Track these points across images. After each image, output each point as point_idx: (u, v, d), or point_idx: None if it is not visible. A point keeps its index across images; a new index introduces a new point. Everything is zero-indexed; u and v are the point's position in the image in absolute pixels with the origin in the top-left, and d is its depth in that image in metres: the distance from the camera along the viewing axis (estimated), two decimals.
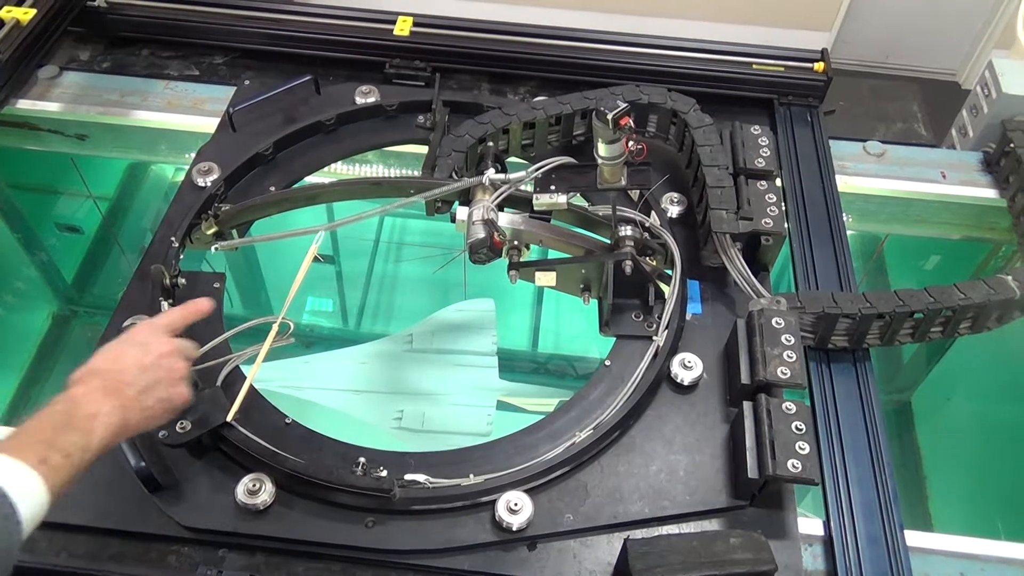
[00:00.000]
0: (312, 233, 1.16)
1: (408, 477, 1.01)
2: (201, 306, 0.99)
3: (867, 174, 1.53)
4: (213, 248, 1.23)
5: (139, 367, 0.86)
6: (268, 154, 1.39)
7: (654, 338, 1.17)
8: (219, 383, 1.08)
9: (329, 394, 1.43)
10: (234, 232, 1.25)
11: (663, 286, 1.20)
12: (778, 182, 1.32)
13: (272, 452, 1.03)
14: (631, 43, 1.61)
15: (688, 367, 1.14)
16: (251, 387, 1.08)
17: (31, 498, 0.70)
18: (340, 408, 1.43)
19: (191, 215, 1.26)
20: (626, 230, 1.17)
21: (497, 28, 1.63)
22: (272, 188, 1.36)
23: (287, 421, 1.10)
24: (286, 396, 1.39)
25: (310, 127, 1.43)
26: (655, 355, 1.15)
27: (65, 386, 0.81)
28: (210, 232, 1.23)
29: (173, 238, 1.23)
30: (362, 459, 1.03)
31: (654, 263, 1.21)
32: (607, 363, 1.16)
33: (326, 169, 1.47)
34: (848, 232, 1.41)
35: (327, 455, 1.06)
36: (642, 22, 3.15)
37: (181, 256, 1.24)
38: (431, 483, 1.01)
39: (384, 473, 1.01)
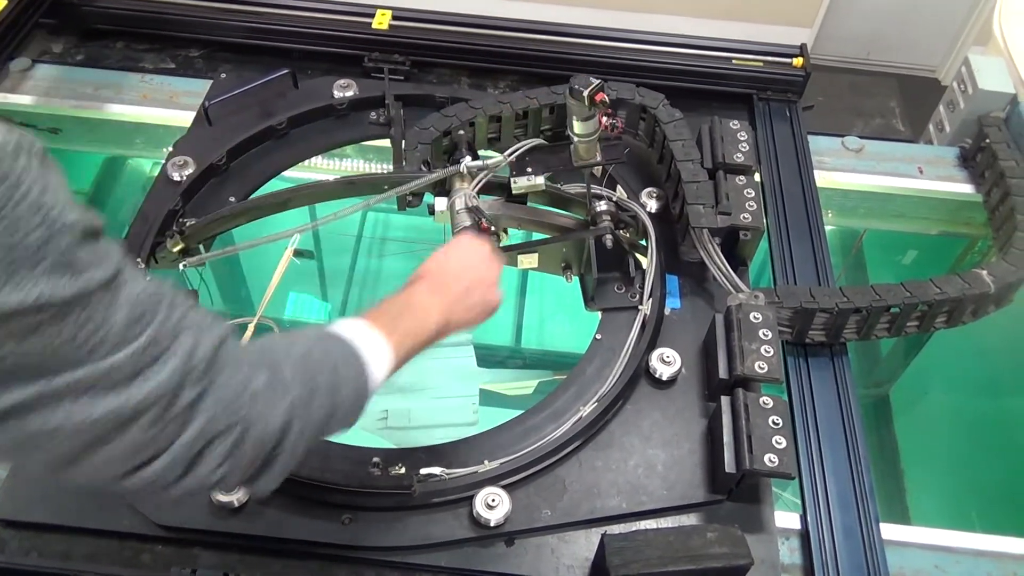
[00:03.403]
0: (286, 238, 1.14)
1: (424, 471, 1.00)
2: None
3: (845, 169, 1.53)
4: (180, 266, 1.18)
5: (461, 269, 0.93)
6: (222, 164, 1.35)
7: (640, 307, 1.19)
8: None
9: None
10: (200, 247, 1.21)
11: (640, 257, 1.22)
12: (757, 177, 1.32)
13: None
14: (612, 38, 1.60)
15: (667, 362, 1.14)
16: None
17: (381, 359, 0.77)
18: None
19: (161, 218, 1.22)
20: (600, 205, 1.19)
21: (477, 22, 1.62)
22: (232, 199, 1.30)
23: None
24: None
25: (262, 132, 1.40)
26: (643, 324, 1.17)
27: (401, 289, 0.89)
28: (176, 249, 1.18)
29: (139, 259, 1.18)
30: (376, 459, 1.02)
31: (628, 235, 1.23)
32: (598, 336, 1.17)
33: (307, 163, 1.46)
34: (827, 227, 1.41)
35: (338, 460, 1.04)
36: (625, 17, 3.15)
37: (148, 277, 1.20)
38: (447, 475, 1.00)
39: (403, 470, 1.00)
